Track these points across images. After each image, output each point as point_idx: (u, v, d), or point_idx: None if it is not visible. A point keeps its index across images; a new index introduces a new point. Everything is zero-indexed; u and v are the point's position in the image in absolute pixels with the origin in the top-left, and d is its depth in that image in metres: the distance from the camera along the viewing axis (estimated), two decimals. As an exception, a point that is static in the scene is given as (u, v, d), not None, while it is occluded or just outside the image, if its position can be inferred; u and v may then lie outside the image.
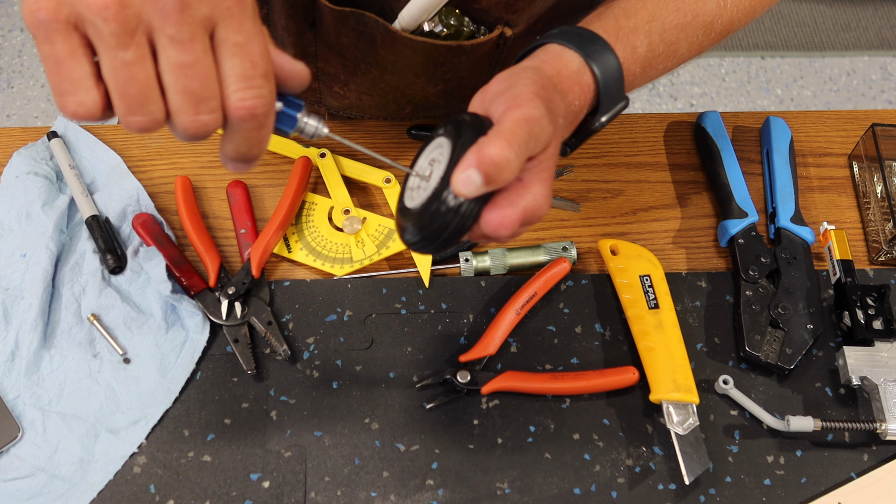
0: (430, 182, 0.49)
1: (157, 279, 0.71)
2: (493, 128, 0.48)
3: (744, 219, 0.77)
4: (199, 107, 0.42)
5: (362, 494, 0.66)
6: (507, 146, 0.47)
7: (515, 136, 0.47)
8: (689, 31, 0.63)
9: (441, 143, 0.51)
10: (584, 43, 0.56)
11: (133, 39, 0.40)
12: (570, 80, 0.55)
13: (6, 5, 2.15)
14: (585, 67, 0.55)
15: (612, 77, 0.56)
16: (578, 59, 0.55)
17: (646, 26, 0.60)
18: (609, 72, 0.56)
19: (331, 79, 0.71)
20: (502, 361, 0.72)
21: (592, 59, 0.55)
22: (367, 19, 0.61)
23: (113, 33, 0.39)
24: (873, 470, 0.69)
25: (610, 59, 0.56)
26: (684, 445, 0.67)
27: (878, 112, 0.87)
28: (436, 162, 0.50)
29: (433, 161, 0.51)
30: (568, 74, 0.55)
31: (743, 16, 0.65)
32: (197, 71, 0.41)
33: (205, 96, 0.42)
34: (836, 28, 2.22)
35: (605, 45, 0.56)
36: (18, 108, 2.00)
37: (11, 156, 0.77)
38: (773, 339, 0.72)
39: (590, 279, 0.76)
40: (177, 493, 0.66)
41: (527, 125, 0.48)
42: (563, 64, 0.55)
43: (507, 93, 0.50)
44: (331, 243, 0.76)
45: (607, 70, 0.56)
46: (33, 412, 0.67)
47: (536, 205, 0.49)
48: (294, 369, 0.71)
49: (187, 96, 0.42)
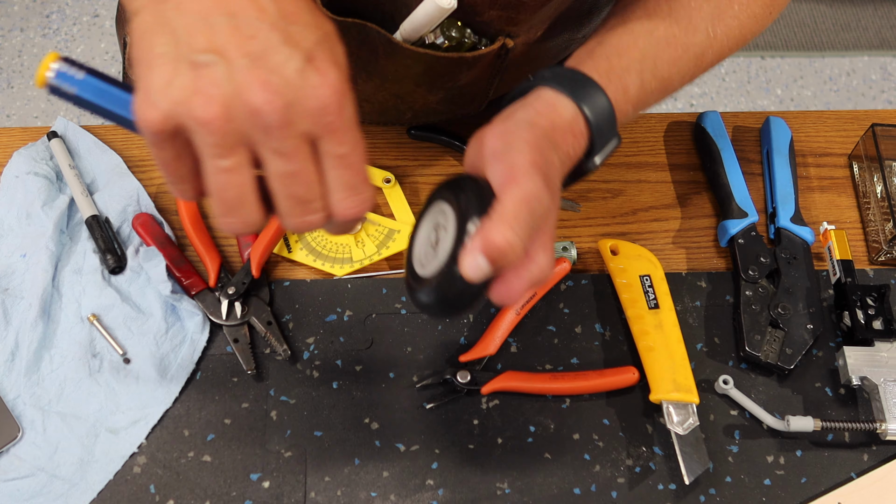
0: (438, 253, 0.52)
1: (157, 279, 0.71)
2: (495, 209, 0.49)
3: (744, 219, 0.77)
4: (305, 209, 0.44)
5: (362, 494, 0.66)
6: (510, 232, 0.48)
7: (518, 220, 0.49)
8: (680, 65, 0.63)
9: (444, 209, 0.53)
10: (577, 88, 0.56)
11: (234, 150, 0.42)
12: (565, 130, 0.55)
13: (6, 5, 2.15)
14: (579, 115, 0.55)
15: (604, 121, 0.56)
16: (572, 106, 0.55)
17: (637, 65, 0.60)
18: (602, 115, 0.56)
19: None
20: (502, 361, 0.72)
21: (585, 104, 0.56)
22: (369, 30, 0.62)
23: (215, 143, 0.41)
24: (873, 470, 0.69)
25: (602, 102, 0.56)
26: (684, 445, 0.67)
27: (878, 112, 0.87)
28: (441, 228, 0.52)
29: (438, 226, 0.53)
30: (562, 125, 0.55)
31: (733, 44, 0.66)
32: (301, 179, 0.43)
33: (309, 200, 0.44)
34: (836, 28, 2.22)
35: (598, 89, 0.56)
36: (18, 108, 2.00)
37: (11, 156, 0.77)
38: (773, 339, 0.72)
39: (590, 279, 0.76)
40: (177, 493, 0.66)
41: (528, 205, 0.49)
42: (558, 114, 0.55)
43: (504, 159, 0.51)
44: (331, 243, 0.76)
45: (600, 114, 0.56)
46: (33, 412, 0.67)
47: (541, 273, 0.50)
48: (294, 369, 0.71)
49: (294, 201, 0.44)
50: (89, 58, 2.07)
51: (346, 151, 0.43)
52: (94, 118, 1.98)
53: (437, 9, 0.58)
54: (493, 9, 0.60)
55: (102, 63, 2.07)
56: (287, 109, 0.41)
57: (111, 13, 2.14)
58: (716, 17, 0.63)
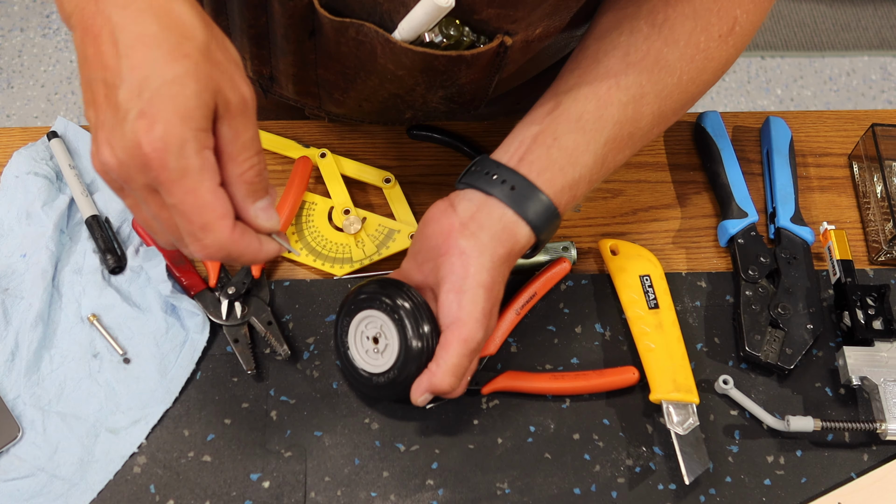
0: (384, 358, 0.65)
1: (157, 279, 0.71)
2: (441, 356, 0.61)
3: (744, 219, 0.77)
4: (181, 244, 0.51)
5: (362, 494, 0.66)
6: (454, 379, 0.61)
7: (460, 367, 0.61)
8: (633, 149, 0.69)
9: (383, 321, 0.64)
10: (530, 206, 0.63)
11: (121, 192, 0.51)
12: (520, 251, 0.64)
13: (6, 5, 2.15)
14: (533, 237, 0.64)
15: (554, 228, 0.65)
16: (528, 231, 0.63)
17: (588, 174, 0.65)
18: (552, 228, 0.65)
19: (331, 86, 0.71)
20: (502, 361, 0.72)
21: (542, 232, 0.64)
22: (367, 30, 0.62)
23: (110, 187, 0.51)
24: (873, 470, 0.69)
25: (553, 217, 0.64)
26: (684, 445, 0.67)
27: (878, 112, 0.87)
28: (381, 336, 0.65)
29: (380, 335, 0.65)
30: (518, 250, 0.64)
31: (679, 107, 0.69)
32: (160, 220, 0.50)
33: (177, 237, 0.50)
34: (836, 28, 2.23)
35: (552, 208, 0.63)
36: (18, 108, 2.00)
37: (11, 156, 0.77)
38: (773, 339, 0.72)
39: (590, 279, 0.76)
40: (177, 493, 0.66)
41: (469, 350, 0.61)
42: (516, 241, 0.63)
43: (459, 299, 0.61)
44: (331, 243, 0.76)
45: (552, 230, 0.65)
46: (33, 412, 0.67)
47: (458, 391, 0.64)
48: (294, 369, 0.71)
49: (166, 236, 0.51)
50: (89, 58, 2.07)
51: (175, 202, 0.47)
52: (94, 118, 1.98)
53: (435, 7, 0.58)
54: (491, 7, 0.60)
55: (102, 63, 2.06)
56: (122, 167, 0.47)
57: (111, 13, 2.14)
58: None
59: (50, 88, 2.02)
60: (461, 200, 0.64)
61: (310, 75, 0.70)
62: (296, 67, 0.70)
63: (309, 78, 0.71)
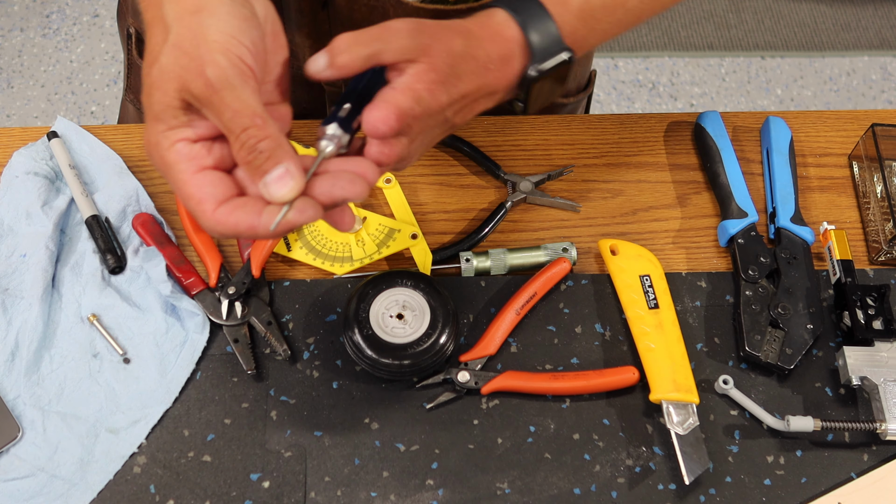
0: (412, 328, 0.68)
1: (157, 279, 0.71)
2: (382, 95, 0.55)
3: (744, 219, 0.77)
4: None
5: (362, 494, 0.66)
6: (395, 121, 0.53)
7: (402, 111, 0.54)
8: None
9: (407, 295, 0.69)
10: (518, 5, 0.59)
11: None
12: (496, 37, 0.59)
13: (6, 5, 2.15)
14: (515, 26, 0.59)
15: (546, 34, 0.59)
16: (509, 19, 0.58)
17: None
18: (542, 30, 0.59)
19: None
20: (502, 361, 0.72)
21: (525, 20, 0.59)
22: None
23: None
24: (873, 470, 0.69)
25: (539, 15, 0.59)
26: (684, 445, 0.67)
27: (878, 112, 0.87)
28: (408, 310, 0.69)
29: (404, 310, 0.69)
30: (493, 33, 0.59)
31: None
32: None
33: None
34: (836, 28, 2.22)
35: (539, 6, 0.59)
36: (18, 108, 2.00)
37: (11, 156, 0.77)
38: (773, 339, 0.72)
39: (590, 279, 0.76)
40: (177, 493, 0.66)
41: (414, 96, 0.54)
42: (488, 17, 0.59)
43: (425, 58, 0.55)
44: (331, 242, 0.76)
45: (542, 30, 0.59)
46: (33, 412, 0.67)
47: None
48: (294, 369, 0.71)
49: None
50: (89, 58, 2.07)
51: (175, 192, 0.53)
52: (93, 118, 1.98)
53: None
54: None
55: (102, 63, 2.07)
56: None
57: (111, 13, 2.14)
58: None
59: (50, 88, 2.02)
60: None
61: (325, 46, 0.71)
62: (311, 39, 0.71)
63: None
